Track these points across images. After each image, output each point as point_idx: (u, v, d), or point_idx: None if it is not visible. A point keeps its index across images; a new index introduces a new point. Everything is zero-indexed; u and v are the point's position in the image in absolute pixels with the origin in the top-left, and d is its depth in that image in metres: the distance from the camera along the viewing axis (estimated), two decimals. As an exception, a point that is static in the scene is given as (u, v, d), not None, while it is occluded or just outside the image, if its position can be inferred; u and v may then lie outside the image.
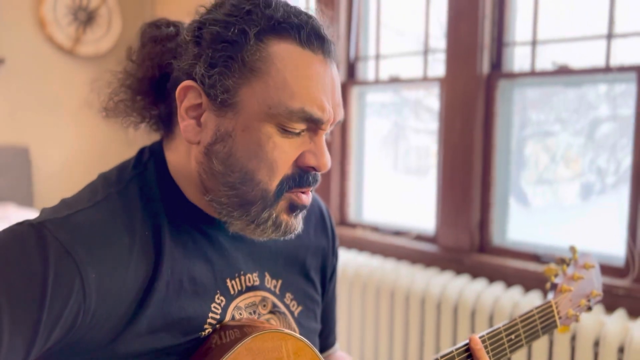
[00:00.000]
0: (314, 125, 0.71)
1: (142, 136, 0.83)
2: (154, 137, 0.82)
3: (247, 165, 0.69)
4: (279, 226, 0.73)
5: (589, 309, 1.01)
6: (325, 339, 0.99)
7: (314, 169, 0.73)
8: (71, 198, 0.72)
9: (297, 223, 0.75)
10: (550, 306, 0.95)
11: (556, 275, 0.99)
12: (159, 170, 0.75)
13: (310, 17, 0.71)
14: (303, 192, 0.74)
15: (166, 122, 0.77)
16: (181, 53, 0.72)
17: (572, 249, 1.03)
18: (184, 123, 0.71)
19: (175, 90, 0.71)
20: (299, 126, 0.70)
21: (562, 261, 1.01)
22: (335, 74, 0.73)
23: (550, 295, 0.97)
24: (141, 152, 0.78)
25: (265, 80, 0.68)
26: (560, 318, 0.96)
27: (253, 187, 0.70)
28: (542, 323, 0.93)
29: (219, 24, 0.69)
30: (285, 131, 0.69)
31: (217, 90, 0.68)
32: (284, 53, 0.68)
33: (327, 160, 0.72)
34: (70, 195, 0.74)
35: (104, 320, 0.65)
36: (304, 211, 0.76)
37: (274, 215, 0.72)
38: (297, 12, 0.70)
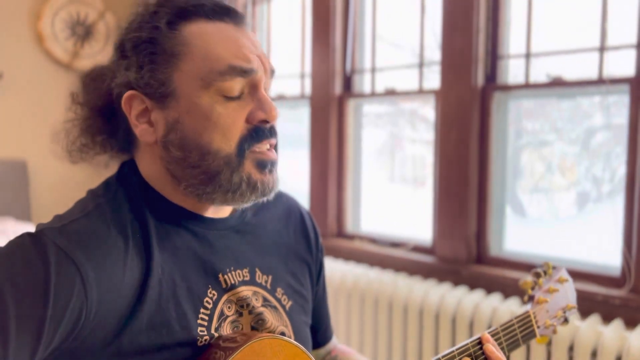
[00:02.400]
0: (249, 78, 0.76)
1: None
2: None
3: (200, 141, 0.74)
4: (254, 186, 0.77)
5: (566, 320, 1.06)
6: (324, 334, 1.04)
7: (265, 121, 0.77)
8: (64, 213, 0.76)
9: (274, 180, 0.79)
10: (529, 316, 1.00)
11: (533, 288, 1.05)
12: (138, 179, 0.81)
13: None
14: (268, 150, 0.78)
15: (128, 141, 0.83)
16: (116, 74, 0.78)
17: (546, 265, 1.08)
18: (138, 129, 0.77)
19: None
20: (235, 85, 0.74)
21: (537, 275, 1.06)
22: (252, 35, 0.79)
23: (529, 306, 1.02)
24: (122, 166, 0.84)
25: (189, 59, 0.74)
26: (539, 327, 1.01)
27: (214, 158, 0.74)
28: (521, 332, 0.98)
29: (134, 31, 0.76)
30: (225, 97, 0.74)
31: (153, 87, 0.74)
32: (196, 30, 0.75)
33: (273, 109, 0.76)
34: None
35: (105, 319, 0.68)
36: (276, 168, 0.80)
37: (245, 177, 0.76)
38: None
